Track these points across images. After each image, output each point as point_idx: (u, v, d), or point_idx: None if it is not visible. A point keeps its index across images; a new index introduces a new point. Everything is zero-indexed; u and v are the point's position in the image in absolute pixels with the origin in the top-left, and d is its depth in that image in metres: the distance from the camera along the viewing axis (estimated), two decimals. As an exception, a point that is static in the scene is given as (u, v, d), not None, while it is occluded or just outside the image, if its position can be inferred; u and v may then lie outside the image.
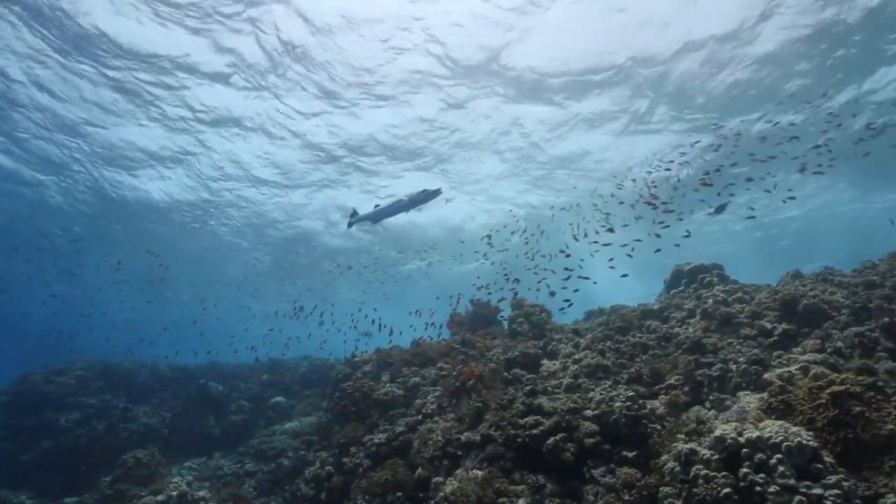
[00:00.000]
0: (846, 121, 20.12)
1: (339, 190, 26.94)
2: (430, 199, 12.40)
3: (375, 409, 11.47)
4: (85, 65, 17.01)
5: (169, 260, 31.11)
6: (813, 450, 5.02)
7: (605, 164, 24.94)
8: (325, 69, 17.66)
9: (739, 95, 19.03)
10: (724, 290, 10.58)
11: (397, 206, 12.88)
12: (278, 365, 21.88)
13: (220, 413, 17.90)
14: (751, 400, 6.69)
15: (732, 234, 35.15)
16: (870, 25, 15.52)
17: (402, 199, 12.69)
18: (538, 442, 7.28)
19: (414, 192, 12.43)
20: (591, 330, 11.76)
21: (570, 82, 18.51)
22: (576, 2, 14.85)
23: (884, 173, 26.16)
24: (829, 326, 8.06)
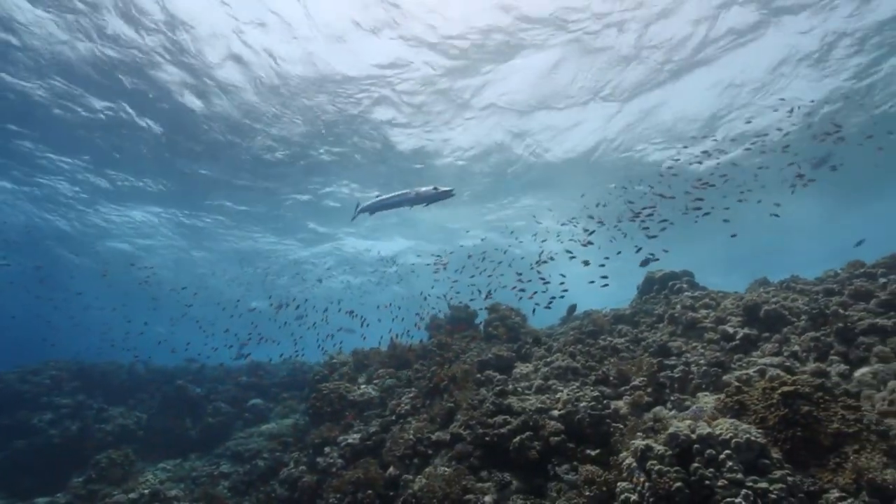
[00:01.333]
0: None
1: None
2: (439, 199, 11.90)
3: (351, 409, 11.57)
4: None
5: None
6: (761, 446, 5.25)
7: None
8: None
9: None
10: (692, 297, 10.87)
11: (402, 198, 12.32)
12: (257, 367, 21.84)
13: (197, 415, 17.82)
14: (709, 400, 6.93)
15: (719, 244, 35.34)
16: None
17: (409, 193, 12.11)
18: (506, 440, 7.44)
19: (424, 189, 11.84)
20: (564, 334, 11.99)
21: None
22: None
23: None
24: (788, 331, 8.36)
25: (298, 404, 18.11)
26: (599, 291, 18.64)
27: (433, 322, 16.07)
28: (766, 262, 39.83)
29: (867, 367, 6.88)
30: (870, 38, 16.58)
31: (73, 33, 15.04)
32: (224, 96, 18.19)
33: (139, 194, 25.89)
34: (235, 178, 24.31)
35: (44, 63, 16.09)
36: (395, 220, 29.96)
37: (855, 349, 7.23)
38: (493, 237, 31.95)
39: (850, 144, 19.63)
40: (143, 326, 32.64)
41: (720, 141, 22.48)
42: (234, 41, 15.77)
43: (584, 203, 24.83)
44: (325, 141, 21.40)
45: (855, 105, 20.28)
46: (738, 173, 21.98)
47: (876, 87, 19.41)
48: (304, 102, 18.85)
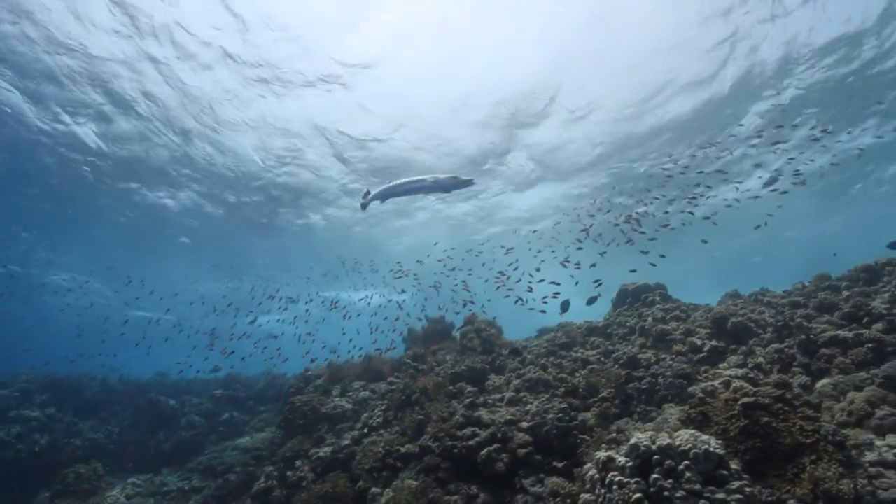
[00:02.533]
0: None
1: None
2: (458, 188, 11.18)
3: (324, 422, 11.44)
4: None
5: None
6: (719, 457, 5.29)
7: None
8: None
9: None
10: (664, 309, 10.98)
11: (418, 185, 11.49)
12: (234, 380, 21.52)
13: (170, 428, 17.50)
14: (674, 412, 6.98)
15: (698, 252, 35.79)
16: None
17: (426, 180, 11.30)
18: (474, 453, 7.41)
19: (443, 177, 11.09)
20: (539, 346, 12.02)
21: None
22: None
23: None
24: (754, 343, 8.47)
25: (275, 417, 17.85)
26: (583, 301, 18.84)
27: (410, 334, 16.01)
28: (759, 272, 40.48)
29: (828, 378, 6.99)
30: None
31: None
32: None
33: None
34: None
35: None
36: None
37: (817, 361, 7.35)
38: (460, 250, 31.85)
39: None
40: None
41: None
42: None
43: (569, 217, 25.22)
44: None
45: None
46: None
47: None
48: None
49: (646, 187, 23.50)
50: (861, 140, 22.15)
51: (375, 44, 15.33)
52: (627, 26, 14.87)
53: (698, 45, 15.81)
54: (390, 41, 15.23)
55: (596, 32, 15.07)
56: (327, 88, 17.08)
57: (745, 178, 24.53)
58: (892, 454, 5.44)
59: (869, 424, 6.13)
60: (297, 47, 15.40)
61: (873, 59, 16.78)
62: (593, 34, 15.14)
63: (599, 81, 17.34)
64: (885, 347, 7.07)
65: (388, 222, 29.31)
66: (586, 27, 14.88)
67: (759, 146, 21.27)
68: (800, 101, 18.85)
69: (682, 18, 14.70)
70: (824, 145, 21.40)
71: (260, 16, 14.21)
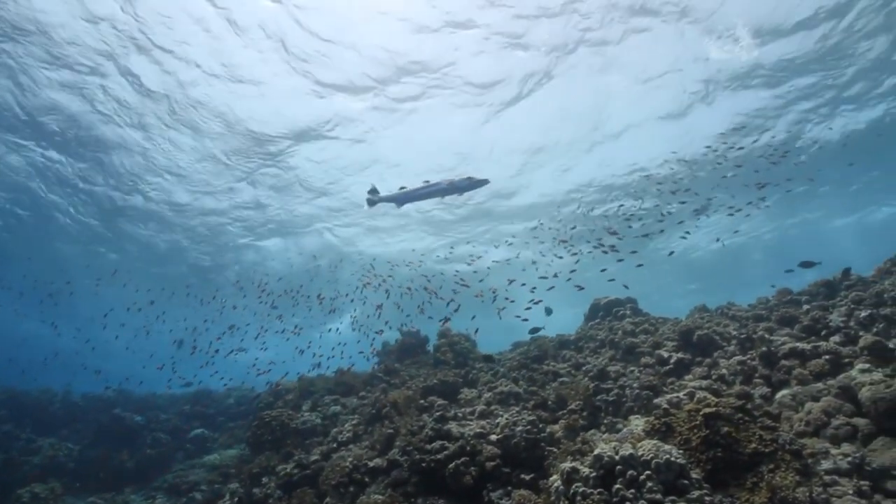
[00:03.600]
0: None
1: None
2: (473, 188, 11.14)
3: (293, 437, 11.24)
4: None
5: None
6: (680, 466, 5.36)
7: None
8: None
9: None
10: (633, 322, 11.14)
11: (433, 189, 11.39)
12: (203, 396, 21.03)
13: (134, 446, 16.97)
14: (640, 423, 7.05)
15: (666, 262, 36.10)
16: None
17: (441, 184, 11.25)
18: (442, 466, 7.35)
19: (458, 179, 11.05)
20: (511, 359, 12.06)
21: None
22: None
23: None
24: (718, 355, 8.64)
25: (245, 434, 17.47)
26: (561, 313, 19.09)
27: (384, 348, 15.92)
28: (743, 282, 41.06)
29: (787, 389, 7.16)
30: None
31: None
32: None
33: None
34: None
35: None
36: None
37: (777, 372, 7.52)
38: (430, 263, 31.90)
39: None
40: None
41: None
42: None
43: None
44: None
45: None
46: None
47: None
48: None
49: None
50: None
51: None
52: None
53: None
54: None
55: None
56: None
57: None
58: (846, 462, 5.58)
59: (825, 434, 6.29)
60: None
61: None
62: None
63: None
64: (841, 359, 7.28)
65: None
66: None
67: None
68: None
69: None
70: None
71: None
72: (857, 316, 7.99)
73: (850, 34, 15.68)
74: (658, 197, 23.98)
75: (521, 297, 14.32)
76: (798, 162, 22.29)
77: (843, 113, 20.25)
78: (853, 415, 6.32)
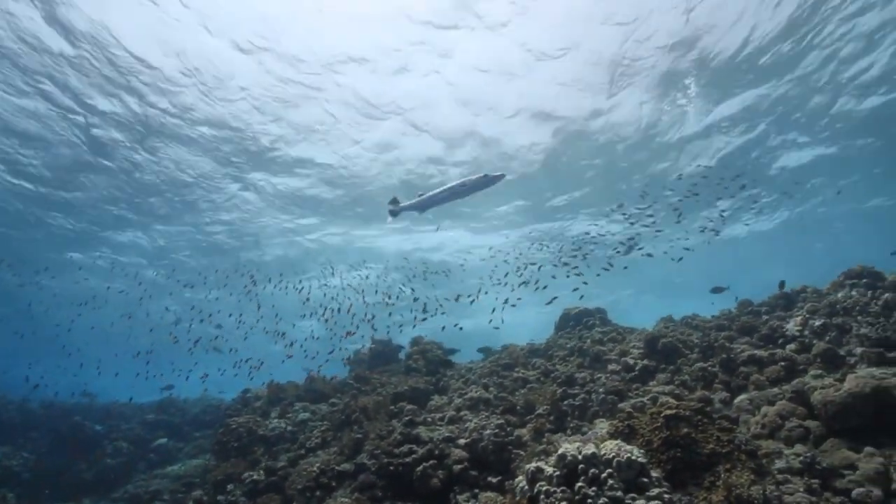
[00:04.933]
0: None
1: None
2: (490, 185, 10.85)
3: (260, 444, 11.09)
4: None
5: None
6: (641, 465, 5.50)
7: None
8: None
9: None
10: (602, 331, 11.38)
11: (452, 191, 11.21)
12: (168, 404, 20.53)
13: (95, 455, 16.43)
14: (605, 426, 7.21)
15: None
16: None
17: (455, 186, 11.08)
18: (410, 470, 7.38)
19: (473, 178, 10.83)
20: (482, 367, 12.15)
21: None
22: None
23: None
24: (681, 362, 8.89)
25: (211, 443, 17.12)
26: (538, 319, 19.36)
27: (356, 356, 15.85)
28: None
29: (745, 394, 7.42)
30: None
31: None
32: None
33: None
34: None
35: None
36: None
37: (736, 378, 7.79)
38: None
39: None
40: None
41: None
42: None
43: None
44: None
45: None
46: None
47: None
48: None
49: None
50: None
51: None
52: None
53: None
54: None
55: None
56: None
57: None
58: (798, 462, 5.82)
59: (780, 436, 6.53)
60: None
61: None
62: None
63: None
64: (796, 365, 7.58)
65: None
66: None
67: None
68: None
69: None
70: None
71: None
72: (812, 325, 8.34)
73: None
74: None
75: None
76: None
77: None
78: (806, 417, 6.59)
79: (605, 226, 25.42)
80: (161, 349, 27.63)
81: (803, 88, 17.59)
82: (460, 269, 30.26)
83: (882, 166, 23.73)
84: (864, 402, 6.00)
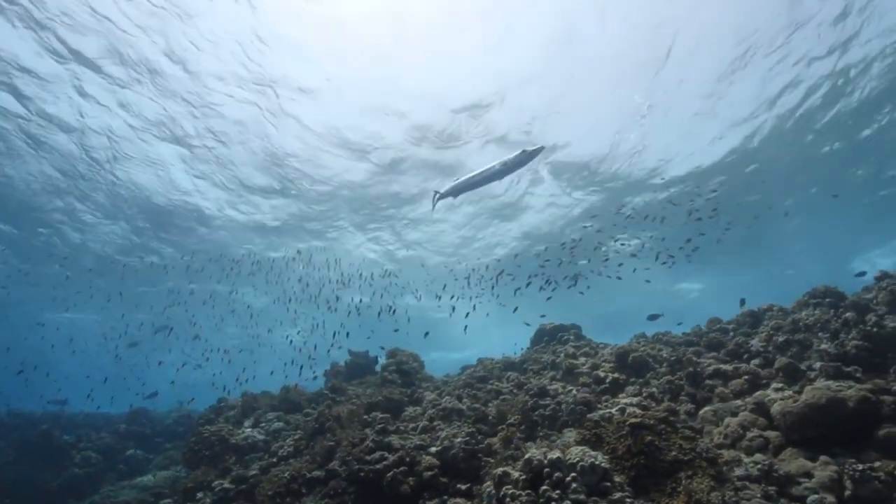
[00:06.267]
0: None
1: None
2: (530, 160, 10.18)
3: (232, 453, 10.98)
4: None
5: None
6: (604, 470, 5.65)
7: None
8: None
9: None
10: (575, 346, 11.56)
11: (488, 174, 10.65)
12: (141, 415, 20.15)
13: (62, 465, 16.04)
14: (573, 435, 7.34)
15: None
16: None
17: (494, 166, 10.47)
18: (381, 476, 7.41)
19: (510, 157, 10.15)
20: (457, 380, 12.23)
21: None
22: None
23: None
24: (650, 376, 9.09)
25: (182, 453, 16.81)
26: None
27: (333, 368, 15.80)
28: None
29: (710, 405, 7.62)
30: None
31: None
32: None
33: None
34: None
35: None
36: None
37: (701, 390, 7.99)
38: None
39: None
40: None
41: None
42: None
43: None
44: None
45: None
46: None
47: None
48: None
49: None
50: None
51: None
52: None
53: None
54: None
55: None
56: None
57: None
58: (756, 469, 6.00)
59: (741, 445, 6.72)
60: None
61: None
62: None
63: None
64: (759, 379, 7.82)
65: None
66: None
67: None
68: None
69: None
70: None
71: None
72: (775, 341, 8.62)
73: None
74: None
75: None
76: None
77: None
78: (766, 428, 6.80)
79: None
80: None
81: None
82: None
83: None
84: (820, 413, 6.22)
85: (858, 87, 17.10)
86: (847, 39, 14.99)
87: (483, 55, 15.21)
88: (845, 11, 13.99)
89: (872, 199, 25.57)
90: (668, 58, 15.44)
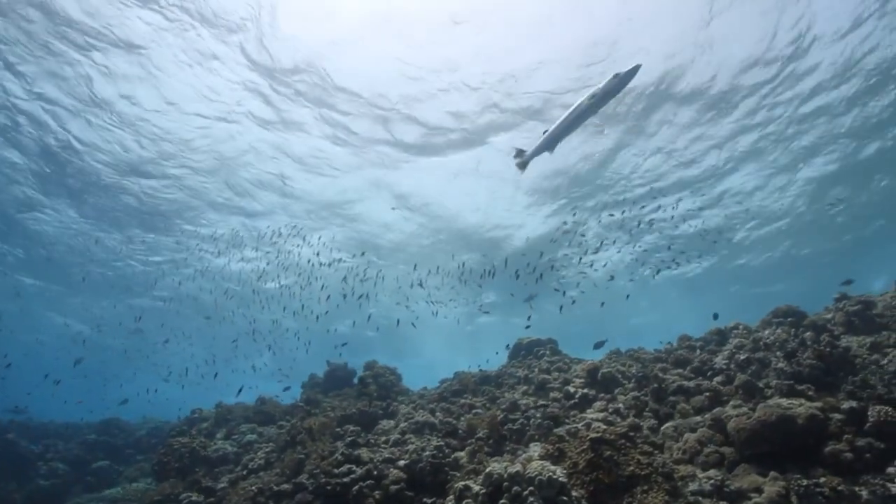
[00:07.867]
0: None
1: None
2: (626, 84, 8.06)
3: (203, 465, 10.92)
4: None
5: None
6: (561, 484, 5.78)
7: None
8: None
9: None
10: (550, 361, 11.73)
11: (578, 112, 8.63)
12: (112, 425, 19.81)
13: (25, 476, 15.73)
14: (538, 449, 7.48)
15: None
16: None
17: (582, 103, 8.50)
18: (348, 489, 7.47)
19: (600, 87, 8.12)
20: (431, 393, 12.32)
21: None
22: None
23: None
24: (618, 392, 9.28)
25: (152, 465, 16.59)
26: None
27: (310, 380, 15.77)
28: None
29: (672, 421, 7.82)
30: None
31: None
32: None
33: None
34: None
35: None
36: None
37: (664, 406, 8.19)
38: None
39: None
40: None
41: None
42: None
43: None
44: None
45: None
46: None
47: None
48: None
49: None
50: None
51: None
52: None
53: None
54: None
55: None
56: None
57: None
58: (709, 484, 6.18)
59: (698, 460, 6.91)
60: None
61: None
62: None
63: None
64: (720, 396, 8.03)
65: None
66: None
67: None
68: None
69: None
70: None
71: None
72: (737, 359, 8.86)
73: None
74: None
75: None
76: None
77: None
78: (723, 444, 7.00)
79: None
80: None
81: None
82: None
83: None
84: (771, 430, 6.43)
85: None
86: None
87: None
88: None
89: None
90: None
